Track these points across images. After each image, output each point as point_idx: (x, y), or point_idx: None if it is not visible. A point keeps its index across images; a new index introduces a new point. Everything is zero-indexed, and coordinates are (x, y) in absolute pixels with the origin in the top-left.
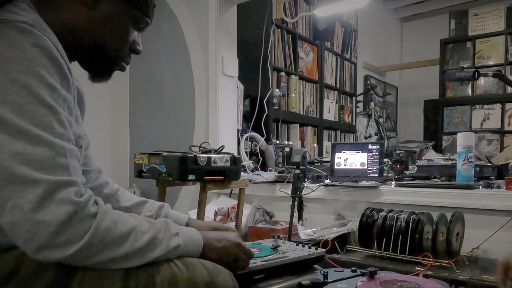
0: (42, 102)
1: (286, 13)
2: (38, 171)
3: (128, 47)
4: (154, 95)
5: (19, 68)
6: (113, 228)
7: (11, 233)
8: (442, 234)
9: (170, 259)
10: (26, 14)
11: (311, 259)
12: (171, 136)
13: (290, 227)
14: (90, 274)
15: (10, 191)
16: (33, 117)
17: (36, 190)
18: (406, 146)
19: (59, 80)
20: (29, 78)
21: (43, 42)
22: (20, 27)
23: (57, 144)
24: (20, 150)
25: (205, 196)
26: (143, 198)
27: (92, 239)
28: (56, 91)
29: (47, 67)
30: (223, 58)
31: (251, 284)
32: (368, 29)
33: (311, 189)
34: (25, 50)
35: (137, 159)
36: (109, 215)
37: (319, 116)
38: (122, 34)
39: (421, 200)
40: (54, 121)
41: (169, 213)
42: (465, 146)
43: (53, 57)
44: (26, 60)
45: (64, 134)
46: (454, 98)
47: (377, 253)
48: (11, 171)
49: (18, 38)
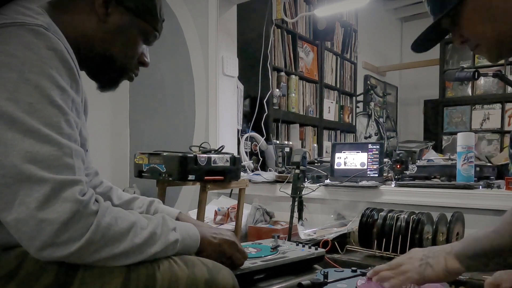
0: (53, 102)
1: (286, 13)
2: (45, 170)
3: (136, 59)
4: (154, 95)
5: (33, 69)
6: (114, 225)
7: (16, 230)
8: (442, 234)
9: (169, 256)
10: (41, 18)
11: (311, 259)
12: (171, 136)
13: (290, 227)
14: (91, 272)
15: (18, 189)
16: (43, 116)
17: (42, 188)
18: (406, 146)
19: (69, 82)
20: (42, 79)
21: (56, 45)
22: (35, 30)
23: (65, 144)
24: (28, 148)
25: (205, 196)
26: (133, 195)
27: (94, 236)
28: (66, 92)
29: (59, 69)
30: (223, 58)
31: (252, 284)
32: (368, 29)
33: (311, 189)
34: (39, 52)
35: (137, 159)
36: (110, 212)
37: (319, 116)
38: (131, 47)
39: (421, 200)
40: (63, 121)
41: (160, 208)
42: (465, 146)
43: (65, 60)
44: (40, 62)
45: (72, 135)
46: (454, 98)
47: (377, 253)
48: (19, 169)
49: (33, 40)
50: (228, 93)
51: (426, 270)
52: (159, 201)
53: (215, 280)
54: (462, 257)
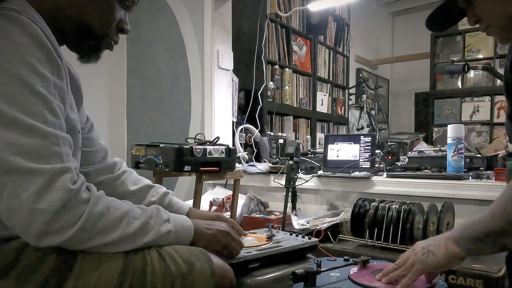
0: (34, 91)
1: (280, 8)
2: (34, 160)
3: (116, 25)
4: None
5: (10, 58)
6: (106, 214)
7: (8, 220)
8: (432, 224)
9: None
10: (12, 0)
11: (304, 248)
12: (168, 128)
13: (284, 217)
14: (89, 262)
15: (6, 181)
16: (26, 107)
17: (35, 179)
18: (398, 137)
19: (49, 68)
20: (20, 68)
21: (31, 29)
22: (7, 14)
23: (50, 133)
24: (14, 140)
25: (201, 187)
26: (148, 183)
27: (85, 225)
28: (47, 79)
29: (37, 55)
30: (218, 52)
31: (246, 272)
32: (360, 23)
33: (305, 179)
34: (14, 39)
35: (134, 150)
36: (102, 201)
37: (312, 109)
38: (108, 12)
39: (412, 190)
40: (46, 110)
41: (173, 201)
42: (455, 138)
43: (42, 44)
44: (16, 50)
45: (56, 123)
46: (444, 91)
47: (369, 243)
48: (6, 161)
49: (7, 27)
50: (223, 86)
51: (429, 258)
52: (173, 193)
53: (192, 272)
54: (461, 241)
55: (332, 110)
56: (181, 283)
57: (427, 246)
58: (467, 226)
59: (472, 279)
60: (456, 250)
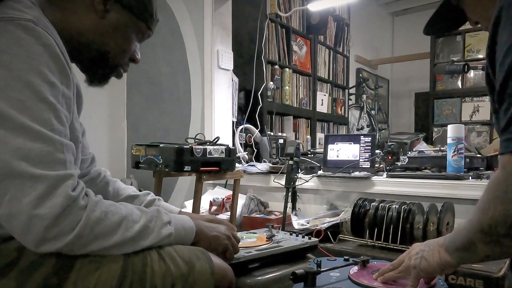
0: (43, 99)
1: (280, 8)
2: (38, 166)
3: (129, 55)
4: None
5: (23, 66)
6: (104, 219)
7: (7, 224)
8: (432, 224)
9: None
10: (29, 11)
11: (304, 248)
12: (168, 128)
13: (284, 217)
14: (89, 263)
15: (8, 184)
16: (34, 113)
17: (38, 185)
18: (398, 137)
19: (59, 77)
20: (32, 75)
21: (46, 40)
22: (24, 25)
23: (56, 140)
24: (20, 145)
25: (201, 187)
26: (132, 193)
27: (83, 231)
28: (56, 88)
29: (49, 64)
30: (218, 52)
31: (246, 272)
32: (360, 23)
33: (304, 179)
34: (29, 48)
35: (134, 150)
36: (100, 206)
37: (312, 109)
38: (126, 44)
39: (412, 190)
40: (53, 117)
41: (163, 207)
42: (455, 138)
43: (55, 54)
44: (30, 58)
45: (62, 130)
46: (444, 91)
47: (369, 243)
48: (10, 166)
49: (23, 36)
50: (223, 86)
51: (421, 264)
52: (160, 198)
53: (192, 273)
54: (451, 250)
55: (332, 110)
56: (181, 283)
57: (421, 251)
58: (456, 234)
59: (472, 279)
60: (448, 259)
